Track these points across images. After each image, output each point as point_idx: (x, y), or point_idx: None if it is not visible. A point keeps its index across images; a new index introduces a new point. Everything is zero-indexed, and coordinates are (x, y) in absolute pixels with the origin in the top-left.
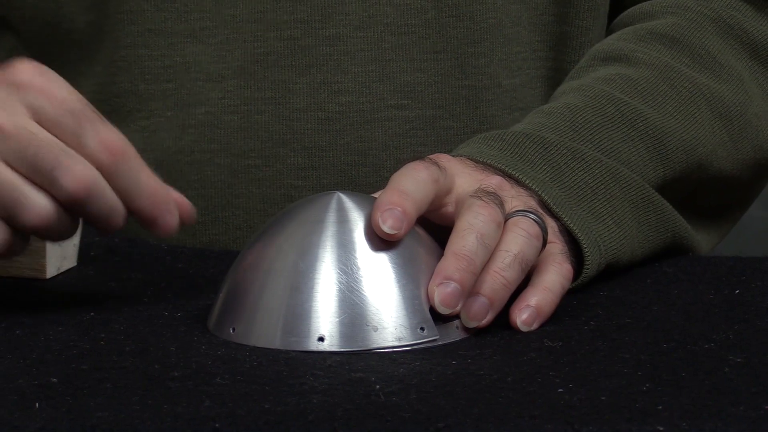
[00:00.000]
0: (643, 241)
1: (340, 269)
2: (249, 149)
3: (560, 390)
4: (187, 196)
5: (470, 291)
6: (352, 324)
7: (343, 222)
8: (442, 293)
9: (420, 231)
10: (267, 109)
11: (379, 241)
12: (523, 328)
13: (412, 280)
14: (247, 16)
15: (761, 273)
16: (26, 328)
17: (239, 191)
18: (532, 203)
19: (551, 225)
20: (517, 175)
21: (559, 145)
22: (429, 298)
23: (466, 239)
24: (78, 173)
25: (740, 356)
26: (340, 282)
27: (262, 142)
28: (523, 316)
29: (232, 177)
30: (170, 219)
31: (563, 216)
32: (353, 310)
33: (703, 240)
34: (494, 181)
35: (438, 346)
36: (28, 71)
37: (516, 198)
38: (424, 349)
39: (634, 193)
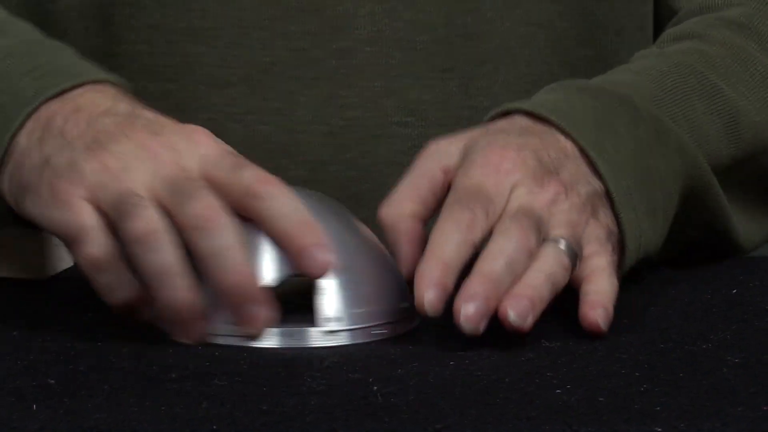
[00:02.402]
0: (684, 242)
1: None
2: (251, 160)
3: (558, 391)
4: None
5: (501, 302)
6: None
7: None
8: (468, 313)
9: (362, 228)
10: (271, 119)
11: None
12: (602, 325)
13: (356, 272)
14: (253, 21)
15: (759, 273)
16: (24, 329)
17: None
18: (591, 203)
19: (603, 226)
20: (594, 158)
21: (648, 119)
22: (454, 316)
23: (495, 263)
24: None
25: (738, 356)
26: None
27: (264, 153)
28: (598, 317)
29: None
30: (316, 250)
31: (623, 219)
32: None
33: (749, 234)
34: (548, 195)
35: (436, 346)
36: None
37: (569, 212)
38: (423, 349)
39: (700, 192)
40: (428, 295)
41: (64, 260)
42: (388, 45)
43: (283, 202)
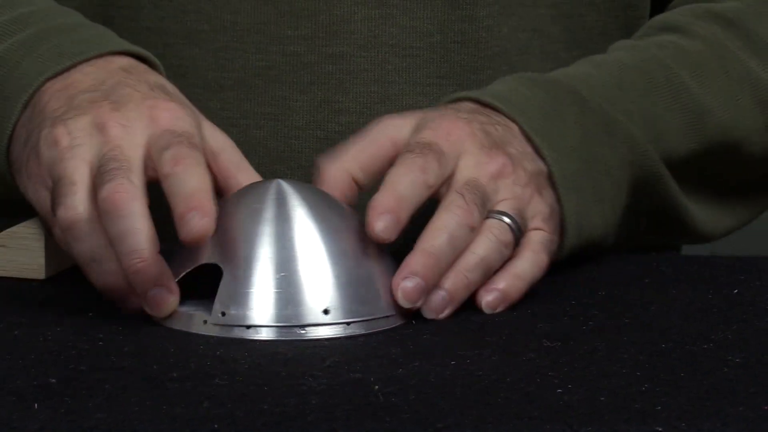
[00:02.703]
0: (639, 230)
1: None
2: None
3: (559, 390)
4: None
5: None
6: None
7: (282, 206)
8: (405, 288)
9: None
10: (266, 124)
11: (316, 227)
12: (486, 310)
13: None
14: (248, 25)
15: (760, 273)
16: (24, 328)
17: None
18: (535, 181)
19: (548, 204)
20: (538, 142)
21: (596, 111)
22: (393, 291)
23: (437, 239)
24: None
25: (739, 356)
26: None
27: (259, 158)
28: (488, 298)
29: None
30: (191, 215)
31: (563, 199)
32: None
33: (716, 222)
34: (495, 166)
35: (437, 345)
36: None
37: (513, 186)
38: (423, 349)
39: (650, 182)
40: (380, 223)
41: (64, 260)
42: (383, 50)
43: (183, 179)
